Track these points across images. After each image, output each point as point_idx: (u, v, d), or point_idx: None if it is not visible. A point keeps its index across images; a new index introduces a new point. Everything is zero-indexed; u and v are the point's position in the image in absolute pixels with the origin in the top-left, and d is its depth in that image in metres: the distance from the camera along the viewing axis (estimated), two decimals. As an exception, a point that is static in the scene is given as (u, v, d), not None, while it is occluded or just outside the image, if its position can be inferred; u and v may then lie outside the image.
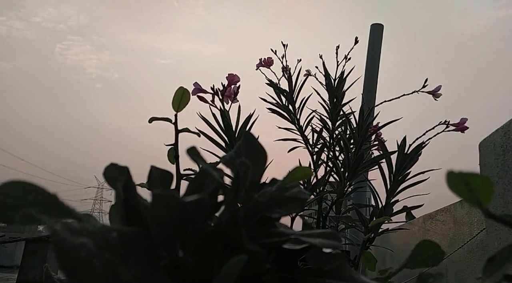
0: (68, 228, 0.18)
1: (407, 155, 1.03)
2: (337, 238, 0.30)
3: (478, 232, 1.30)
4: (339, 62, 1.61)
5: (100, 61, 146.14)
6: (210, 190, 0.32)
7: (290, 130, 1.63)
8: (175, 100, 0.69)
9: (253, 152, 0.37)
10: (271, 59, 1.65)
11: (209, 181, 0.33)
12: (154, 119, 0.70)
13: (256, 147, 0.37)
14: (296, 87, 1.62)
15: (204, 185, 0.34)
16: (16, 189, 0.21)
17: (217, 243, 0.24)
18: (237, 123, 1.09)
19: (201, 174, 0.34)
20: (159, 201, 0.22)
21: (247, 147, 0.37)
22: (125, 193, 0.30)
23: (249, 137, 0.38)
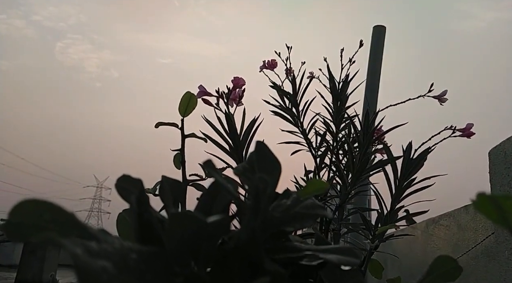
0: (88, 251, 0.18)
1: (413, 160, 1.02)
2: (354, 255, 0.30)
3: (483, 239, 1.29)
4: (343, 65, 1.61)
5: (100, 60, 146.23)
6: (224, 204, 0.32)
7: (294, 133, 1.63)
8: (182, 105, 0.68)
9: (267, 163, 0.36)
10: (275, 62, 1.64)
11: (223, 193, 0.33)
12: (160, 124, 0.70)
13: (270, 157, 0.36)
14: (300, 89, 1.61)
15: (217, 197, 0.33)
16: (32, 208, 0.21)
17: (236, 262, 0.24)
18: (242, 126, 1.09)
19: (215, 187, 0.33)
20: (177, 220, 0.22)
21: (261, 158, 0.37)
22: (138, 207, 0.29)
23: (262, 148, 0.37)
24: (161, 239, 0.29)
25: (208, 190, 0.33)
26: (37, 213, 0.21)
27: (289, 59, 1.66)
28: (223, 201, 0.32)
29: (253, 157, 0.37)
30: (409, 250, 2.20)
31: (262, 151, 0.37)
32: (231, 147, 1.09)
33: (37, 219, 0.20)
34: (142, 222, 0.29)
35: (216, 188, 0.33)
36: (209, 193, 0.33)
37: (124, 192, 0.33)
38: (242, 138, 1.07)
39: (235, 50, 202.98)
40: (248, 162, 0.37)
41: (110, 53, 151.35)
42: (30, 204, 0.21)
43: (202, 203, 0.32)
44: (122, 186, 0.32)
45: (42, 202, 0.21)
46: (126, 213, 0.49)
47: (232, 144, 1.08)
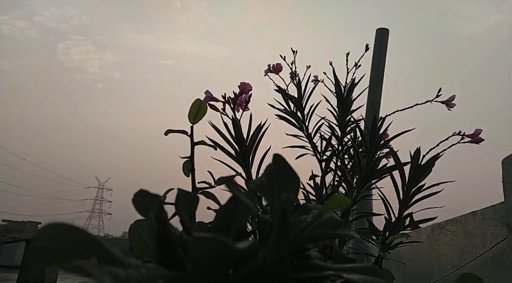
0: (116, 279, 0.17)
1: (422, 166, 1.01)
2: (379, 275, 0.29)
3: (492, 246, 1.28)
4: (349, 69, 1.60)
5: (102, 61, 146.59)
6: (243, 220, 0.31)
7: (298, 137, 1.62)
8: (191, 112, 0.68)
9: (286, 177, 0.35)
10: (280, 66, 1.63)
11: (242, 209, 0.32)
12: (170, 132, 0.69)
13: (288, 171, 0.36)
14: (305, 93, 1.60)
15: (235, 212, 0.33)
16: (56, 231, 0.20)
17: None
18: (248, 132, 1.08)
19: (233, 202, 0.32)
20: (203, 244, 0.21)
21: (279, 172, 0.36)
22: (158, 225, 0.29)
23: (280, 161, 0.37)
24: (181, 258, 0.28)
25: (226, 205, 0.33)
26: (62, 236, 0.20)
27: (295, 63, 1.65)
28: (242, 217, 0.31)
29: (271, 170, 0.36)
30: (414, 255, 2.19)
31: (280, 164, 0.36)
32: (237, 153, 1.08)
33: (62, 243, 0.20)
34: (162, 240, 0.29)
35: (234, 203, 0.32)
36: (226, 208, 0.33)
37: (141, 207, 0.32)
38: (248, 144, 1.06)
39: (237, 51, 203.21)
40: (266, 176, 0.36)
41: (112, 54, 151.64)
42: (54, 228, 0.20)
43: (219, 218, 0.32)
44: (139, 200, 0.32)
45: (66, 225, 0.20)
46: (139, 224, 0.49)
47: (238, 150, 1.07)
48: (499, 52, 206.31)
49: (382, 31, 5.28)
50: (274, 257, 0.23)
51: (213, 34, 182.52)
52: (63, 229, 0.20)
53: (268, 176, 0.36)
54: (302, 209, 0.35)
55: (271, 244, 0.23)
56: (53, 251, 0.20)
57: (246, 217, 0.31)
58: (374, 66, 4.71)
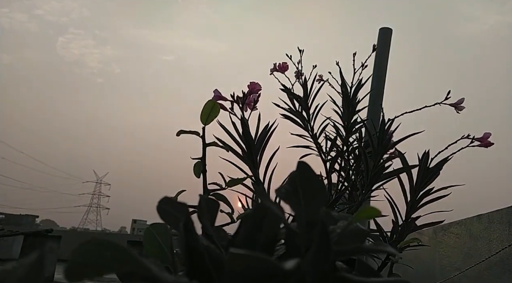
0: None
1: (430, 169, 1.01)
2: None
3: (499, 250, 1.27)
4: (356, 70, 1.59)
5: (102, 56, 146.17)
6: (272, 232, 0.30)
7: (303, 137, 1.61)
8: (204, 113, 0.67)
9: (312, 186, 0.34)
10: (286, 65, 1.62)
11: (270, 219, 0.31)
12: (181, 133, 0.68)
13: (314, 180, 0.35)
14: (311, 93, 1.59)
15: (262, 223, 0.32)
16: (93, 248, 0.19)
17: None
18: (256, 132, 1.07)
19: (260, 211, 0.32)
20: (241, 261, 0.20)
21: (304, 180, 0.35)
22: (186, 235, 0.28)
23: (305, 169, 0.36)
24: (210, 271, 0.28)
25: (252, 215, 0.32)
26: (98, 252, 0.19)
27: (301, 62, 1.64)
28: (270, 227, 0.30)
29: (296, 178, 0.36)
30: (415, 256, 2.18)
31: (305, 172, 0.36)
32: (245, 153, 1.07)
33: (98, 259, 0.19)
34: (191, 251, 0.28)
35: (261, 212, 0.32)
36: (253, 218, 0.32)
37: (166, 215, 0.31)
38: (256, 144, 1.05)
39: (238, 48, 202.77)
40: (290, 184, 0.35)
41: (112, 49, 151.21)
42: (91, 245, 0.19)
43: (246, 230, 0.31)
44: (164, 208, 0.31)
45: (102, 241, 0.20)
46: (154, 228, 0.48)
47: (246, 149, 1.07)
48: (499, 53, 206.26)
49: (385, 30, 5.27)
50: (315, 275, 0.22)
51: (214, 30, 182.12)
52: (99, 245, 0.20)
53: (292, 184, 0.35)
54: (328, 219, 0.35)
55: (312, 261, 0.22)
56: (90, 267, 0.19)
57: (275, 227, 0.30)
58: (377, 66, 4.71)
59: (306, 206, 0.34)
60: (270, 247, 0.30)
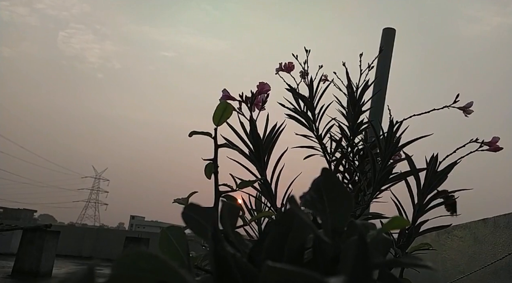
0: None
1: (438, 173, 1.00)
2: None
3: (506, 255, 1.27)
4: (362, 71, 1.59)
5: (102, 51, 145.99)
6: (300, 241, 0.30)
7: (308, 137, 1.60)
8: (216, 114, 0.66)
9: (337, 194, 0.34)
10: (292, 64, 1.61)
11: (298, 228, 0.31)
12: (194, 134, 0.68)
13: (339, 187, 0.34)
14: (316, 93, 1.59)
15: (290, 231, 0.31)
16: (133, 259, 0.19)
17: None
18: (265, 132, 1.07)
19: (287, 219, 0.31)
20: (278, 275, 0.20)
21: (329, 187, 0.35)
22: (215, 244, 0.27)
23: (329, 176, 0.35)
24: (237, 279, 0.27)
25: (278, 221, 0.31)
26: (138, 264, 0.19)
27: (307, 62, 1.63)
28: (298, 236, 0.30)
29: (320, 185, 0.35)
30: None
31: (330, 179, 0.35)
32: (252, 153, 1.07)
33: (139, 270, 0.19)
34: (219, 260, 0.27)
35: (289, 221, 0.31)
36: (279, 225, 0.31)
37: (191, 222, 0.31)
38: (264, 144, 1.05)
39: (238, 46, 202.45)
40: (315, 191, 0.35)
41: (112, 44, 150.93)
42: (132, 256, 0.19)
43: (273, 238, 0.30)
44: (190, 215, 0.30)
45: (142, 253, 0.19)
46: (169, 230, 0.47)
47: (253, 150, 1.06)
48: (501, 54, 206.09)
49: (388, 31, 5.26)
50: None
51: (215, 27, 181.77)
52: (140, 257, 0.19)
53: (317, 191, 0.35)
54: (352, 228, 0.34)
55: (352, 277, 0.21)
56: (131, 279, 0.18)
57: (303, 235, 0.30)
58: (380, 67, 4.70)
59: (332, 214, 0.33)
60: (298, 256, 0.29)
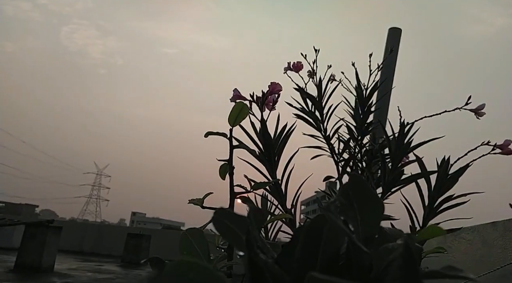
0: None
1: (450, 176, 1.00)
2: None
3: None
4: (371, 71, 1.58)
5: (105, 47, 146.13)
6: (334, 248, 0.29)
7: (316, 138, 1.59)
8: (232, 115, 0.66)
9: (367, 200, 0.33)
10: (300, 64, 1.61)
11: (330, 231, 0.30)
12: (209, 134, 0.67)
13: (369, 193, 0.34)
14: (325, 93, 1.58)
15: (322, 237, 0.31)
16: (181, 270, 0.19)
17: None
18: (275, 132, 1.06)
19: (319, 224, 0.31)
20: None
21: (358, 193, 0.34)
22: (249, 251, 0.27)
23: (358, 182, 0.35)
24: None
25: (310, 227, 0.31)
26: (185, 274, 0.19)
27: (316, 62, 1.62)
28: (331, 242, 0.29)
29: (349, 191, 0.35)
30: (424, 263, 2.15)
31: (359, 185, 0.35)
32: (262, 153, 1.06)
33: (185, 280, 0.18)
34: (253, 266, 0.27)
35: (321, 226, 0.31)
36: (310, 231, 0.31)
37: (222, 227, 0.30)
38: (275, 144, 1.04)
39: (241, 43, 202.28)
40: (344, 197, 0.34)
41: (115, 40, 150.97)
42: (179, 266, 0.19)
43: (304, 245, 0.30)
44: (221, 220, 0.30)
45: (190, 263, 0.19)
46: (190, 232, 0.47)
47: (263, 149, 1.06)
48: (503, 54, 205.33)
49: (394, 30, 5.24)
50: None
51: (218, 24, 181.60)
52: (189, 267, 0.19)
53: (347, 197, 0.34)
54: (382, 235, 0.34)
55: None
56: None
57: (337, 241, 0.29)
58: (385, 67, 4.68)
59: (362, 221, 0.33)
60: (332, 264, 0.29)
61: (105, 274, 8.31)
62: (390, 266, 0.29)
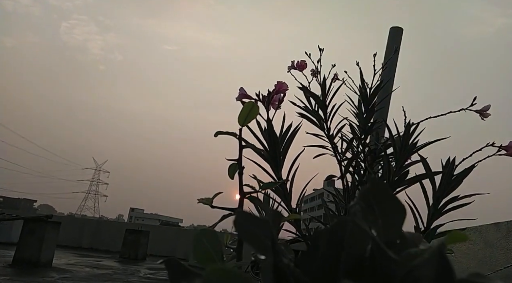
0: None
1: (455, 177, 1.00)
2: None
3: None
4: (376, 71, 1.57)
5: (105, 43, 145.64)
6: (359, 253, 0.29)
7: (319, 137, 1.59)
8: (242, 114, 0.65)
9: (389, 205, 0.33)
10: (304, 63, 1.60)
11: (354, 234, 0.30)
12: (219, 133, 0.67)
13: (391, 198, 0.34)
14: (329, 92, 1.58)
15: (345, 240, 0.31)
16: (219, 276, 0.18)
17: None
18: (281, 132, 1.06)
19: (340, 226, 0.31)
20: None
21: (380, 197, 0.34)
22: (275, 257, 0.27)
23: (380, 186, 0.35)
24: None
25: (331, 230, 0.31)
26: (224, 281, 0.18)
27: (320, 61, 1.62)
28: (355, 250, 0.29)
29: (370, 195, 0.34)
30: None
31: (380, 188, 0.34)
32: (267, 151, 1.06)
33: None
34: (278, 272, 0.27)
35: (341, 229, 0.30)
36: (332, 234, 0.31)
37: (245, 231, 0.30)
38: (281, 143, 1.04)
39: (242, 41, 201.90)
40: (364, 201, 0.34)
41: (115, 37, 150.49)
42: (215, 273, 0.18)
43: (327, 249, 0.30)
44: (245, 225, 0.30)
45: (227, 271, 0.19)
46: (203, 233, 0.47)
47: (268, 149, 1.06)
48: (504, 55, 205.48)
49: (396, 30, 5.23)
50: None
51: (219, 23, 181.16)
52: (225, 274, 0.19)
53: (367, 201, 0.34)
54: (403, 241, 0.33)
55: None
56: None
57: (362, 245, 0.29)
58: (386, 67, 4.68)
59: (384, 226, 0.33)
60: (356, 269, 0.29)
61: (104, 269, 8.32)
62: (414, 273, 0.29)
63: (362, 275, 0.29)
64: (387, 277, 0.27)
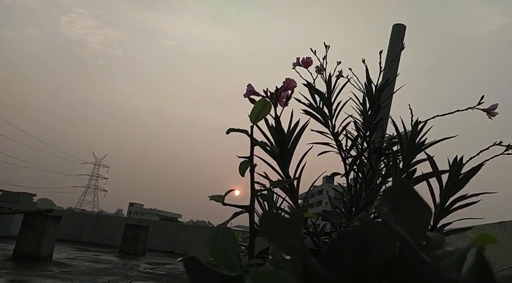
0: None
1: (462, 175, 0.99)
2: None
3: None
4: (382, 69, 1.57)
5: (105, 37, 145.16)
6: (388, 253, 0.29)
7: (324, 134, 1.59)
8: (254, 112, 0.65)
9: (415, 206, 0.33)
10: (310, 60, 1.59)
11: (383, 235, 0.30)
12: (231, 131, 0.67)
13: (417, 199, 0.33)
14: (334, 89, 1.57)
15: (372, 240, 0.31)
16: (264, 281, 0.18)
17: None
18: (288, 129, 1.06)
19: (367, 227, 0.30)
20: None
21: (405, 198, 0.34)
22: (303, 255, 0.26)
23: (404, 186, 0.34)
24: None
25: (357, 231, 0.31)
26: None
27: (326, 58, 1.61)
28: (384, 251, 0.29)
29: (395, 195, 0.34)
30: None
31: (406, 190, 0.34)
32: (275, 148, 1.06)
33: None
34: (309, 273, 0.27)
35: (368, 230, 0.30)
36: (359, 235, 0.30)
37: (271, 232, 0.30)
38: (288, 140, 1.04)
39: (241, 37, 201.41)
40: (389, 201, 0.34)
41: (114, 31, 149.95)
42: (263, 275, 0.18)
43: (355, 250, 0.29)
44: (271, 226, 0.29)
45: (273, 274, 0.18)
46: (220, 232, 0.47)
47: (275, 145, 1.05)
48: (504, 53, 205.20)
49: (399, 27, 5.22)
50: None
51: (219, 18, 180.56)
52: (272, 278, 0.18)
53: (392, 201, 0.34)
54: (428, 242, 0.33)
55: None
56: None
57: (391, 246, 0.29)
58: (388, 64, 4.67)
59: (410, 227, 0.32)
60: (385, 270, 0.28)
61: (103, 264, 8.34)
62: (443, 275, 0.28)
63: (391, 275, 0.28)
64: (416, 278, 0.27)
